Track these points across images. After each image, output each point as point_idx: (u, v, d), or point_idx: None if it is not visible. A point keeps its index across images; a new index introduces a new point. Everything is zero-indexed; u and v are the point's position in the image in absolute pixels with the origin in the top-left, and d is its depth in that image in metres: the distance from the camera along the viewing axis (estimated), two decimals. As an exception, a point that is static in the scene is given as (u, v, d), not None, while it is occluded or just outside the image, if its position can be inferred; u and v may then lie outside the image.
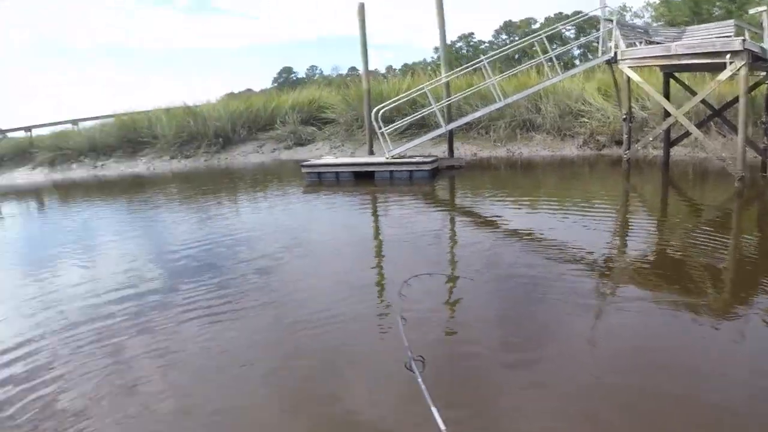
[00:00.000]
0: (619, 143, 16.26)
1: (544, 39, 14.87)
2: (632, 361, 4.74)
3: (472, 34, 69.08)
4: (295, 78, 73.06)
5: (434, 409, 2.72)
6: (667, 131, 15.18)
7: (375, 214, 11.47)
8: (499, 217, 10.31)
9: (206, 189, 15.24)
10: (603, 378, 4.45)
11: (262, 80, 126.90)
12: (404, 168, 14.21)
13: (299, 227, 9.93)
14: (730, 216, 10.95)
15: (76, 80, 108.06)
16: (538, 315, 5.68)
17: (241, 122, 22.04)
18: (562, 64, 18.20)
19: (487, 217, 10.44)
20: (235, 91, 39.91)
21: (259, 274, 6.91)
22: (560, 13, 56.93)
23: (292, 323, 5.32)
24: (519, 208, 11.18)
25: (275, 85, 63.98)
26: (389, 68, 57.45)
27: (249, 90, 43.07)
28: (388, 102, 15.56)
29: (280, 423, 3.79)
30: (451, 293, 6.19)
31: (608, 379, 4.43)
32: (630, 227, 10.10)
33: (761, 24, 13.22)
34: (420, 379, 2.90)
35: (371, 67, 18.50)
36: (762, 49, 12.25)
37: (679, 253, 8.21)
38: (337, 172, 14.54)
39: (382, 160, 14.63)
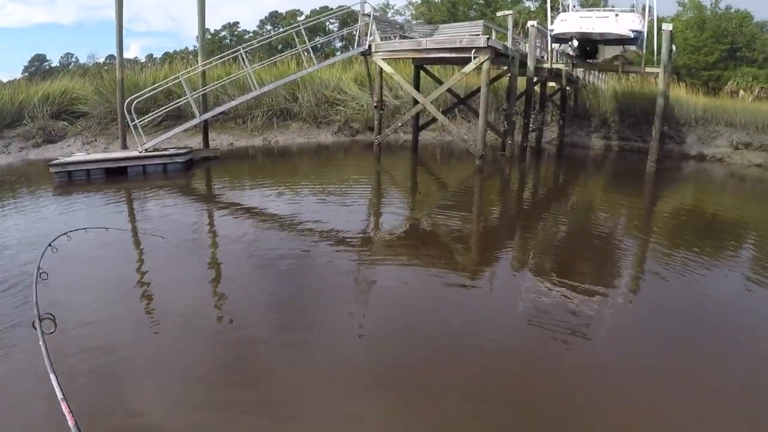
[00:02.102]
0: (372, 129, 17.03)
1: (302, 30, 14.94)
2: (398, 324, 5.13)
3: (237, 23, 68.18)
4: (48, 67, 65.82)
5: (53, 376, 2.39)
6: (416, 117, 16.25)
7: (123, 211, 10.46)
8: (258, 204, 10.25)
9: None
10: (375, 345, 4.75)
11: (12, 69, 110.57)
12: (157, 161, 13.54)
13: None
14: (472, 189, 12.14)
15: None
16: (302, 297, 5.77)
17: (-16, 119, 19.17)
18: (323, 55, 18.60)
19: (244, 205, 10.28)
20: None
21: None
22: (326, 6, 58.22)
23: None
24: (277, 195, 11.17)
25: (26, 74, 57.05)
26: (149, 56, 54.17)
27: (-4, 81, 37.76)
28: (141, 92, 14.73)
29: None
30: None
31: (380, 346, 4.74)
32: (383, 204, 10.80)
33: (508, 25, 14.67)
34: (42, 341, 2.53)
35: (131, 55, 17.41)
36: (504, 46, 13.62)
37: (429, 224, 9.02)
38: (87, 170, 13.29)
39: (135, 154, 13.80)
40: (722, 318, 5.49)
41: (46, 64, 69.42)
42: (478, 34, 14.05)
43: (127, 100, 14.28)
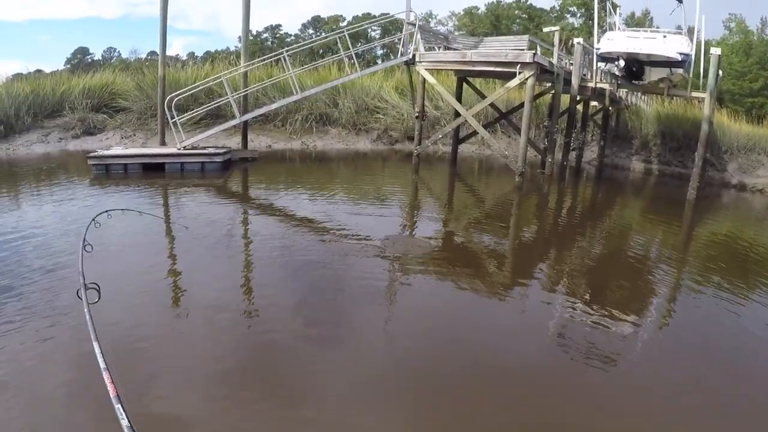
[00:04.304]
0: (411, 139, 16.90)
1: (347, 36, 14.87)
2: (426, 336, 5.05)
3: (280, 26, 68.73)
4: (90, 60, 67.25)
5: (96, 345, 2.28)
6: (456, 130, 16.09)
7: (159, 204, 10.48)
8: (293, 208, 10.18)
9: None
10: (401, 354, 4.70)
11: (55, 60, 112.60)
12: (196, 159, 13.57)
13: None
14: (510, 206, 11.96)
15: None
16: (328, 303, 5.72)
17: (26, 107, 19.10)
18: (364, 62, 18.56)
19: (280, 207, 10.23)
20: (25, 72, 35.11)
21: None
22: (369, 13, 58.40)
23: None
24: (313, 200, 11.11)
25: (68, 66, 58.22)
26: (191, 54, 54.96)
27: (39, 71, 38.32)
28: (182, 90, 14.77)
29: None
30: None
31: (406, 355, 4.68)
32: (419, 215, 10.67)
33: (553, 42, 14.43)
34: (86, 309, 2.45)
35: (173, 53, 17.46)
36: (550, 63, 13.38)
37: (464, 239, 8.88)
38: (125, 164, 13.35)
39: (173, 151, 13.86)
40: (754, 349, 5.33)
41: (88, 57, 70.75)
42: (523, 49, 13.85)
43: (168, 97, 14.32)
